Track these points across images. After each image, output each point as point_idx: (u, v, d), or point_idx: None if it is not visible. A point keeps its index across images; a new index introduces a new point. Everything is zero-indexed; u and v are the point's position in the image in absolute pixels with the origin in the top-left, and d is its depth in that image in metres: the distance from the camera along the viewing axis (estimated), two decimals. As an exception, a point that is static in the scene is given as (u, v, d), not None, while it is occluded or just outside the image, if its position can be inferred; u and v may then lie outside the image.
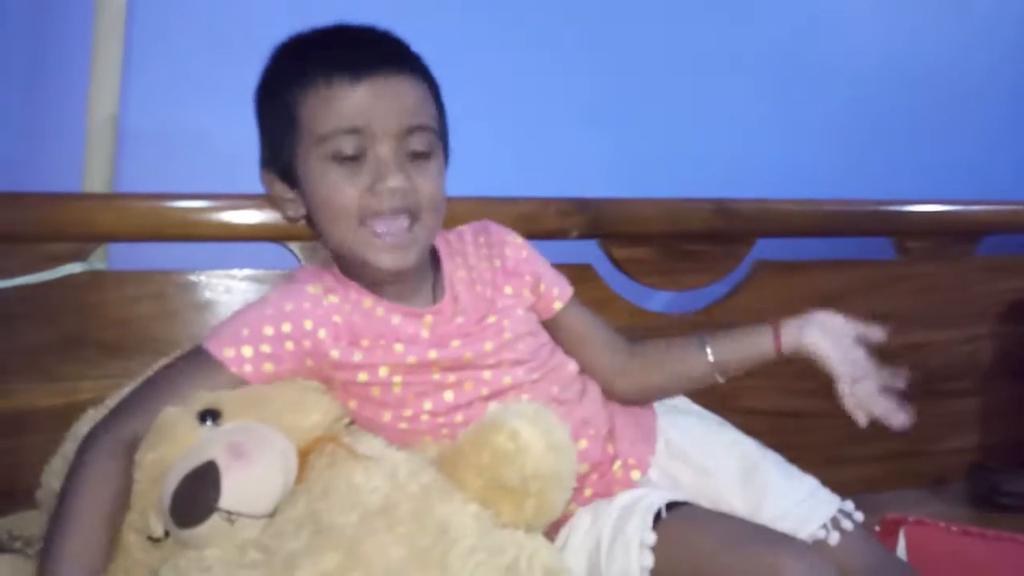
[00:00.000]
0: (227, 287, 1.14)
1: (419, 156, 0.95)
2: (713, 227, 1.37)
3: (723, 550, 0.86)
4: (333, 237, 0.96)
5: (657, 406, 1.10)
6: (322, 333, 0.94)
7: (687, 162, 1.59)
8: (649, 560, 0.89)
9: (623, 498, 0.97)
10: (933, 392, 1.57)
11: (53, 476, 0.91)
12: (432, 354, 0.96)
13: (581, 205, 1.28)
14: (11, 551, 0.93)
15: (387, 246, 0.94)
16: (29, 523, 0.96)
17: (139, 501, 0.85)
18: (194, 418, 0.86)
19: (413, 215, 0.94)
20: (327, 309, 0.95)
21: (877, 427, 1.51)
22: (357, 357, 0.95)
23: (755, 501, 1.01)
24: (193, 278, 1.13)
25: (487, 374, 0.98)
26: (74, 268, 1.08)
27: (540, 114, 1.51)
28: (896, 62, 1.81)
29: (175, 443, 0.85)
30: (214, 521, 0.79)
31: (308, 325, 0.94)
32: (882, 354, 1.50)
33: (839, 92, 1.76)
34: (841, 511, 1.02)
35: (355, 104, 0.91)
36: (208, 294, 1.14)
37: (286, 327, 0.93)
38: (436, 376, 0.97)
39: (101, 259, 1.13)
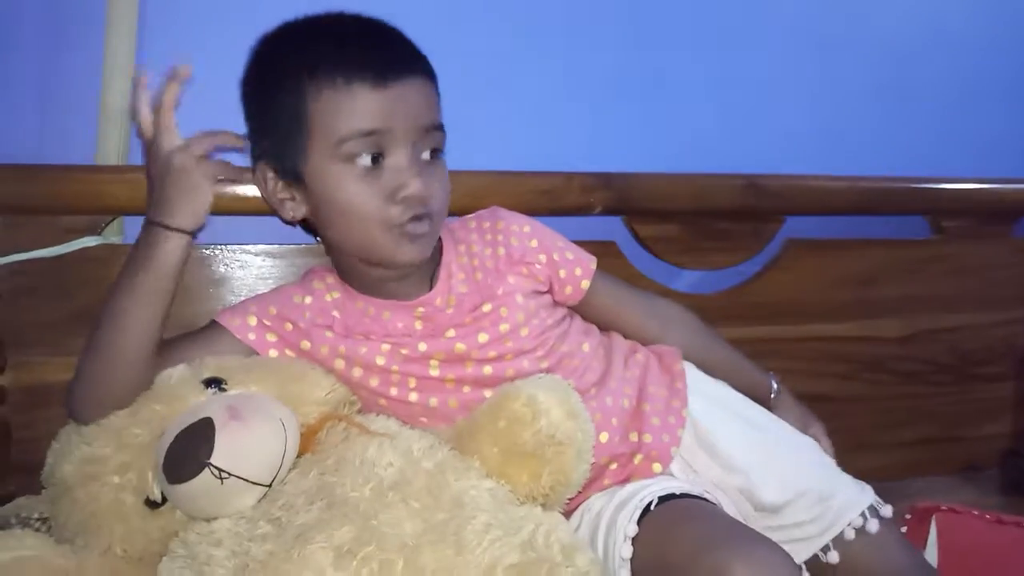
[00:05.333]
0: (241, 262, 1.14)
1: (432, 155, 0.94)
2: (743, 204, 1.34)
3: (687, 547, 0.84)
4: (351, 240, 0.95)
5: (693, 390, 1.06)
6: (319, 319, 0.99)
7: (716, 136, 1.55)
8: (627, 551, 0.89)
9: (628, 489, 0.96)
10: (967, 376, 1.55)
11: (56, 457, 0.91)
12: (422, 346, 0.98)
13: (605, 180, 1.25)
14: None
15: (409, 241, 0.93)
16: (34, 506, 0.96)
17: (139, 459, 0.86)
18: (199, 383, 0.89)
19: (429, 216, 0.93)
20: (328, 304, 0.99)
21: (909, 412, 1.51)
22: (352, 342, 0.98)
23: (788, 499, 1.00)
24: (207, 252, 1.12)
25: (488, 369, 0.98)
26: (89, 242, 1.08)
27: (564, 85, 1.48)
28: (935, 32, 1.75)
29: (178, 402, 0.87)
30: (205, 478, 0.80)
31: (307, 315, 0.99)
32: (916, 337, 1.50)
33: (875, 64, 1.70)
34: (872, 507, 1.00)
35: (376, 109, 0.90)
36: (222, 268, 1.13)
37: (288, 310, 0.98)
38: (435, 372, 0.98)
39: (116, 233, 1.12)
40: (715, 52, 1.59)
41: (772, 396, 1.15)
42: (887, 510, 1.01)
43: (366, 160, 0.90)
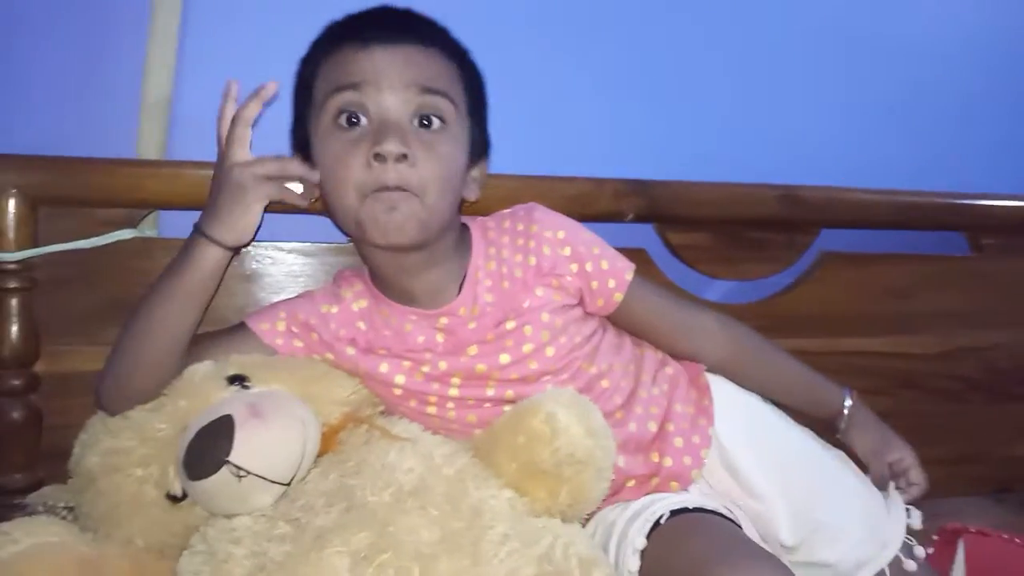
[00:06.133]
0: (273, 259, 1.14)
1: (429, 125, 0.91)
2: (778, 215, 1.32)
3: (691, 561, 0.84)
4: (339, 210, 0.93)
5: (720, 405, 1.03)
6: (343, 332, 0.98)
7: (752, 145, 1.53)
8: (635, 564, 0.89)
9: (642, 501, 0.95)
10: (1001, 395, 1.52)
11: (83, 447, 0.92)
12: (443, 364, 0.96)
13: (638, 186, 1.24)
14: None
15: (383, 212, 0.89)
16: (60, 496, 0.98)
17: (161, 453, 0.87)
18: (223, 379, 0.89)
19: (407, 188, 0.89)
20: (354, 315, 0.99)
21: (941, 430, 1.49)
22: (373, 360, 0.97)
23: (803, 538, 0.98)
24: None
25: (509, 392, 0.96)
26: (125, 234, 1.09)
27: (599, 90, 1.47)
28: (980, 40, 1.71)
29: (202, 399, 0.88)
30: (223, 475, 0.81)
31: (332, 326, 0.98)
32: (951, 354, 1.47)
33: (916, 73, 1.66)
34: (897, 559, 0.98)
35: (356, 65, 0.90)
36: (254, 265, 1.13)
37: (314, 320, 0.98)
38: (454, 392, 0.96)
39: (152, 226, 1.13)
40: (753, 60, 1.57)
41: (845, 413, 1.10)
42: (911, 564, 0.98)
43: (348, 115, 0.89)
